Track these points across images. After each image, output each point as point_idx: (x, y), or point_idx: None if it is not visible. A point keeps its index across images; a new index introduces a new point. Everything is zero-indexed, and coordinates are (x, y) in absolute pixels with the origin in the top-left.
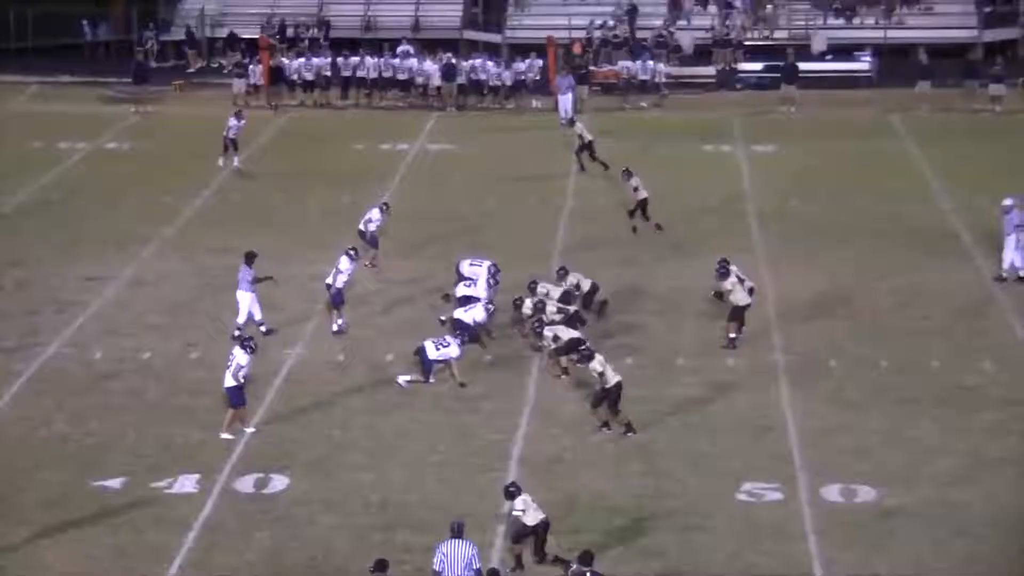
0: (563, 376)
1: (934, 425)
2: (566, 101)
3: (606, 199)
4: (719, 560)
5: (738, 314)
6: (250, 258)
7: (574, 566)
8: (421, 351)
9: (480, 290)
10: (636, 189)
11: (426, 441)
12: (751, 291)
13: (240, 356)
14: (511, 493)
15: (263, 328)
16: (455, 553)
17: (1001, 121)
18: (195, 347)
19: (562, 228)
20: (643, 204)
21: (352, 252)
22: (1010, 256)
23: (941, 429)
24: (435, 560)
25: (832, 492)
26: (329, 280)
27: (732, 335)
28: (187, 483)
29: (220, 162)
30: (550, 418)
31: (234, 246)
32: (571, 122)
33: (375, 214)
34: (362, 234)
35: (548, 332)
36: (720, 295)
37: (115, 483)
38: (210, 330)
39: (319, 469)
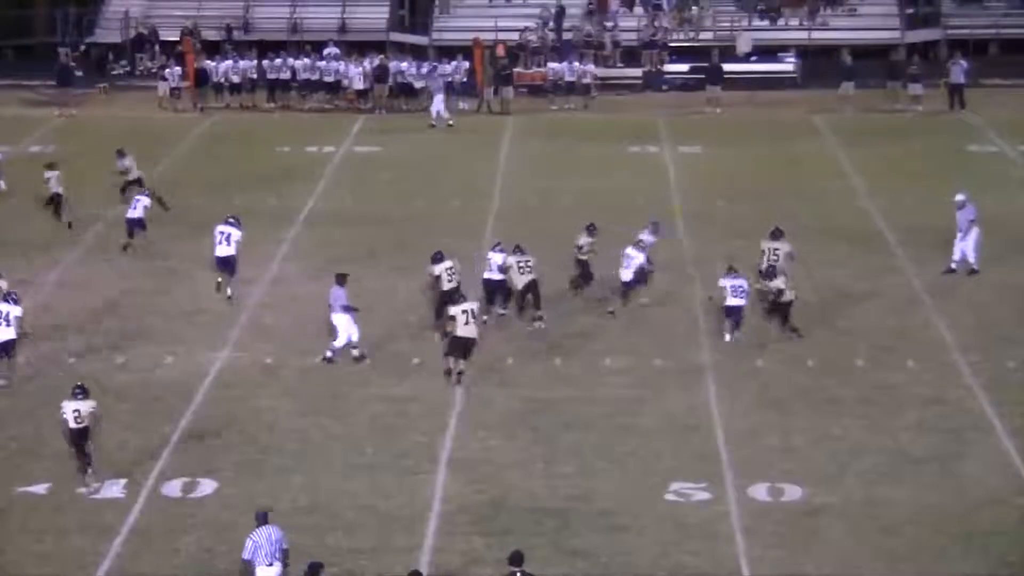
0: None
1: (859, 424)
2: (438, 102)
3: (533, 200)
4: (647, 560)
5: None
6: (342, 279)
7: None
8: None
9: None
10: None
11: (355, 443)
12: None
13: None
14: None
15: (355, 352)
16: (262, 538)
17: (923, 121)
18: (120, 351)
19: (489, 229)
20: (56, 200)
21: (232, 219)
22: (961, 248)
23: (866, 428)
24: (245, 548)
25: (759, 491)
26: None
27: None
28: (113, 488)
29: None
30: (478, 419)
31: (160, 250)
32: (448, 125)
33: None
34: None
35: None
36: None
37: (39, 489)
38: (135, 334)
39: (247, 472)
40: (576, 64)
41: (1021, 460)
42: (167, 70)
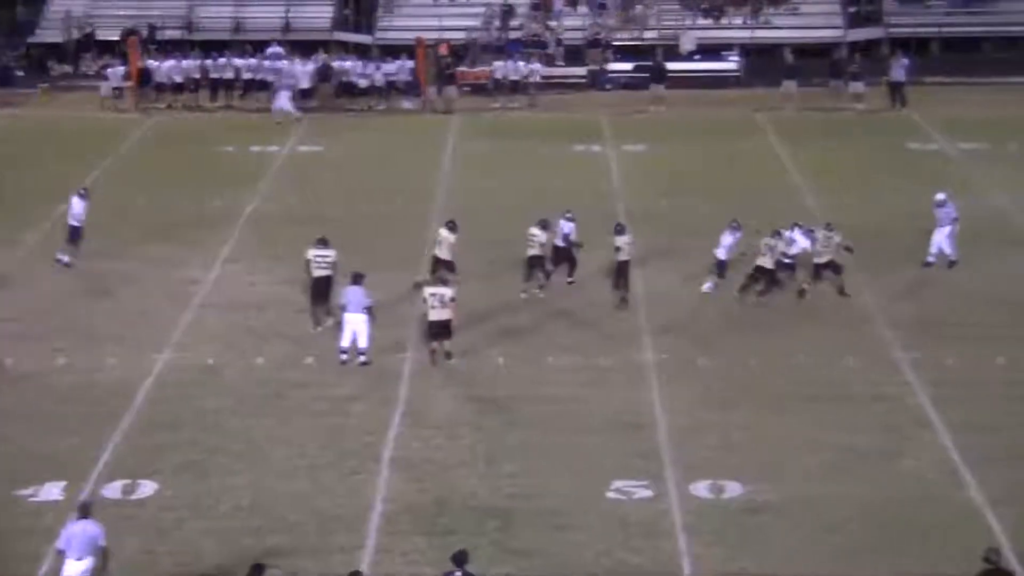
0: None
1: (800, 421)
2: (283, 98)
3: (476, 200)
4: (590, 558)
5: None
6: (359, 278)
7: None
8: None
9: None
10: None
11: (296, 443)
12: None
13: None
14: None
15: (362, 358)
16: (76, 531)
17: (864, 120)
18: (61, 352)
19: (433, 228)
20: None
21: (83, 191)
22: (938, 242)
23: (807, 425)
24: (59, 538)
25: (701, 489)
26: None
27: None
28: (53, 491)
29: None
30: (421, 419)
31: (104, 250)
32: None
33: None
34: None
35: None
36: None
37: None
38: (78, 335)
39: (188, 473)
40: (521, 63)
41: (961, 456)
42: (109, 70)
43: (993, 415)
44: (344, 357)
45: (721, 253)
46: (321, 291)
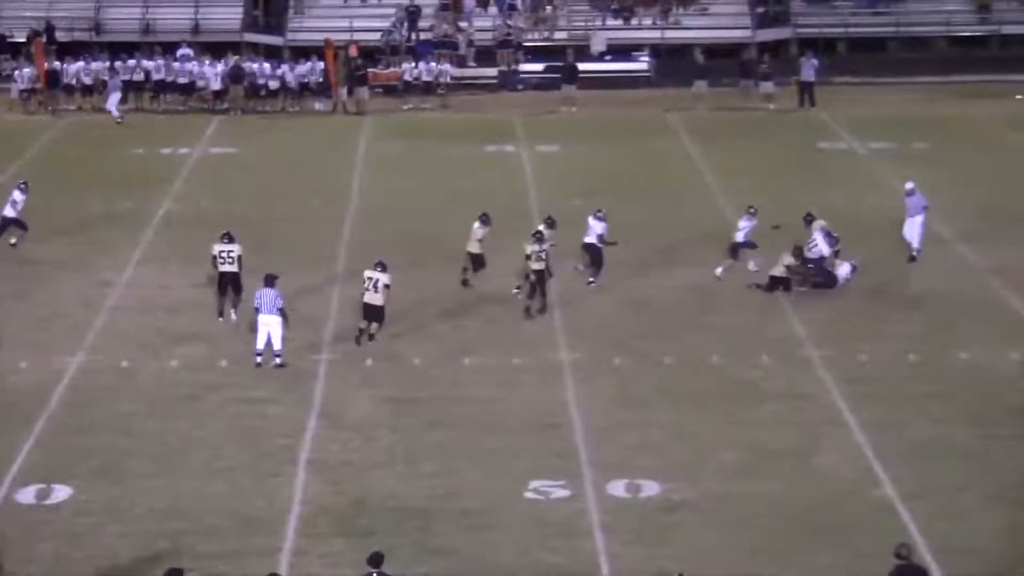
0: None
1: (716, 419)
2: (112, 101)
3: (391, 200)
4: (508, 558)
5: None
6: (272, 280)
7: None
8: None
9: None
10: None
11: (213, 446)
12: None
13: None
14: None
15: (277, 360)
16: None
17: (774, 119)
18: None
19: (348, 229)
20: None
21: (23, 184)
22: (910, 233)
23: (722, 423)
24: None
25: (617, 488)
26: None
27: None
28: None
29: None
30: (338, 420)
31: (15, 252)
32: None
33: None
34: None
35: None
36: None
37: None
38: None
39: (104, 477)
40: (432, 64)
41: (874, 453)
42: (16, 71)
43: (905, 412)
44: (259, 359)
45: (739, 236)
46: (225, 286)
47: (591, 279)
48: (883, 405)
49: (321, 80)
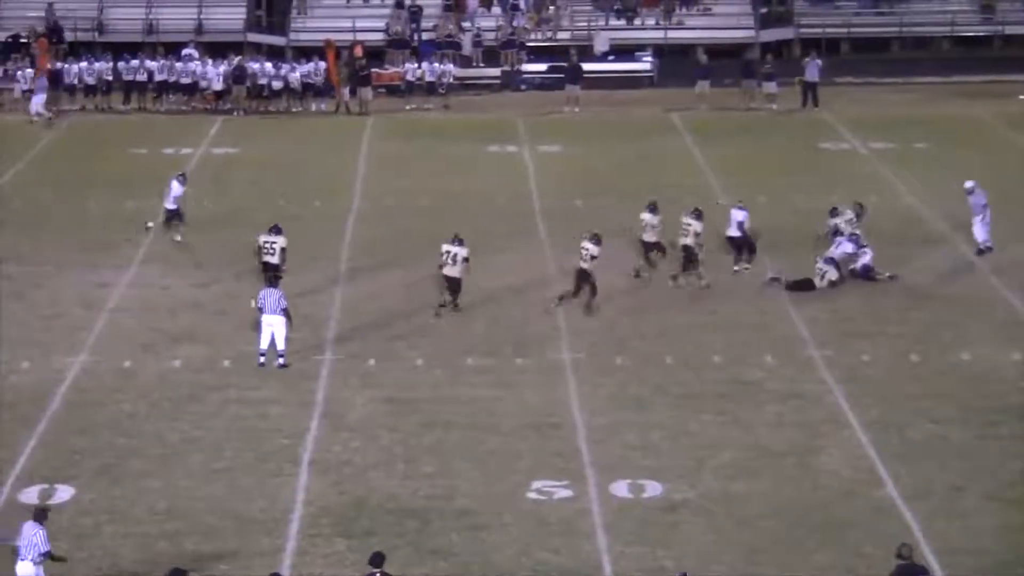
0: None
1: (717, 419)
2: (37, 101)
3: (392, 200)
4: (509, 558)
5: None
6: (274, 280)
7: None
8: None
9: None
10: None
11: (214, 446)
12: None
13: None
14: None
15: (280, 360)
16: (27, 534)
17: (777, 119)
18: None
19: (349, 229)
20: None
21: (181, 176)
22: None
23: (724, 423)
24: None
25: (619, 488)
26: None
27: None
28: None
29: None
30: (339, 421)
31: (16, 253)
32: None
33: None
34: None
35: None
36: None
37: None
38: None
39: (105, 477)
40: (436, 64)
41: (876, 453)
42: (19, 72)
43: (906, 412)
44: (262, 359)
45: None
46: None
47: (746, 265)
48: (884, 405)
49: (324, 80)
